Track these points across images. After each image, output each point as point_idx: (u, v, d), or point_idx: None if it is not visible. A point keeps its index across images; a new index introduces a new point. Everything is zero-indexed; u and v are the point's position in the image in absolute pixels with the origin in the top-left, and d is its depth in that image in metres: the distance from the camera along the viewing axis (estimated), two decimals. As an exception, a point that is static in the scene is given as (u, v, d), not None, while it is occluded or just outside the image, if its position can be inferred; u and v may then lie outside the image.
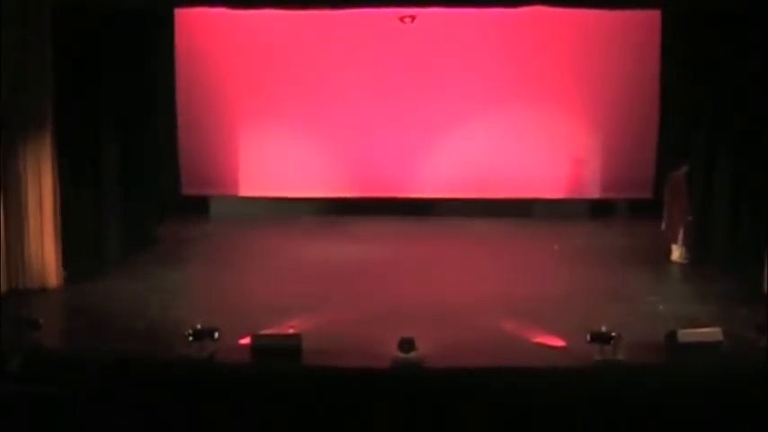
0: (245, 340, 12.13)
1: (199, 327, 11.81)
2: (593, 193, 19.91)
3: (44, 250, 14.86)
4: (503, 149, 19.70)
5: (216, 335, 11.75)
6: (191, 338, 11.71)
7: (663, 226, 16.50)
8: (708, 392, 10.60)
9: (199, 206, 20.19)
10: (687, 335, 11.94)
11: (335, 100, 19.99)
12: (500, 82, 19.85)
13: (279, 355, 11.78)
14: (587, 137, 19.86)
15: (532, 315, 13.67)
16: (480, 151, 19.81)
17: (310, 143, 20.13)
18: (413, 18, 18.51)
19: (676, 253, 16.42)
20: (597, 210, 19.86)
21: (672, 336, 11.99)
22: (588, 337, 11.61)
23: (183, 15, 19.56)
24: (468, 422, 10.34)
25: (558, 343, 12.35)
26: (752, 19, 15.15)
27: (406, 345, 11.68)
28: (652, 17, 19.02)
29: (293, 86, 19.98)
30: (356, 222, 19.32)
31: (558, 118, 19.85)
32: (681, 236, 16.38)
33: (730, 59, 16.02)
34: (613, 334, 11.51)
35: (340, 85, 19.93)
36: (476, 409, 10.51)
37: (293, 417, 10.49)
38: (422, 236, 18.68)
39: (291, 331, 12.31)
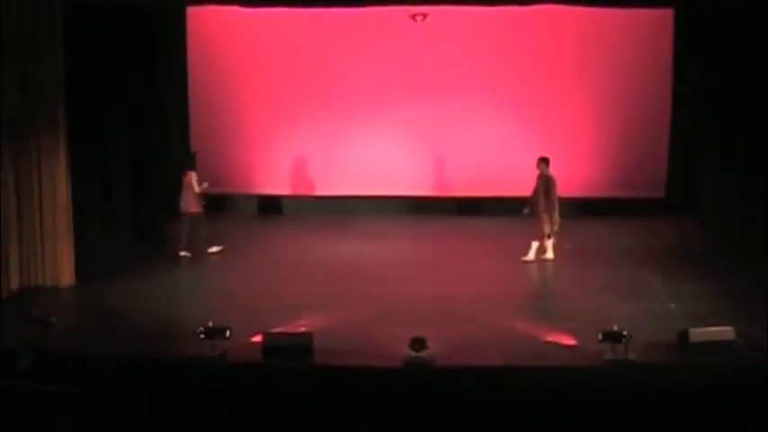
0: (257, 339, 12.14)
1: (210, 325, 11.83)
2: (605, 192, 19.86)
3: (57, 249, 14.91)
4: (513, 147, 19.67)
5: (227, 333, 11.77)
6: (202, 337, 11.73)
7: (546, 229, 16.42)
8: (720, 391, 10.59)
9: (210, 204, 20.18)
10: (699, 334, 11.90)
11: (346, 98, 20.01)
12: (510, 80, 19.85)
13: (290, 353, 11.78)
14: (599, 136, 19.82)
15: (544, 314, 13.67)
16: (491, 149, 19.81)
17: (320, 141, 20.16)
18: (425, 16, 18.50)
19: (550, 251, 16.36)
20: (609, 209, 19.80)
21: (684, 335, 11.95)
22: (600, 337, 11.59)
23: (195, 14, 19.61)
24: (479, 420, 10.34)
25: (570, 342, 12.33)
26: (765, 18, 15.12)
27: (418, 344, 11.68)
28: (665, 16, 19.00)
29: (304, 85, 20.02)
30: (367, 221, 19.33)
31: (569, 116, 19.83)
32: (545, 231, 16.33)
33: (744, 58, 15.98)
34: (625, 333, 11.48)
35: (350, 83, 19.96)
36: (487, 407, 10.51)
37: (305, 415, 10.51)
38: (433, 234, 18.68)
39: (303, 330, 12.31)
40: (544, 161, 16.47)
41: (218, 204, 20.27)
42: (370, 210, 19.85)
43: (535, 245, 16.37)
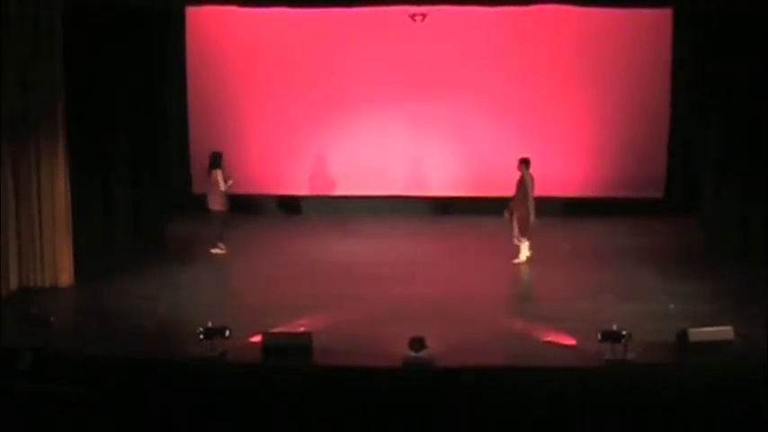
0: (256, 339, 12.15)
1: (210, 325, 11.84)
2: (605, 191, 19.84)
3: (56, 249, 14.92)
4: (512, 148, 19.63)
5: (227, 333, 11.78)
6: (202, 337, 11.74)
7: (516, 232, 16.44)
8: (719, 391, 10.59)
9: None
10: (698, 334, 11.92)
11: (344, 98, 19.97)
12: (510, 80, 19.82)
13: (290, 353, 11.79)
14: (598, 136, 19.78)
15: (543, 314, 13.67)
16: (490, 149, 19.78)
17: (320, 142, 20.13)
18: (424, 16, 18.49)
19: (524, 253, 16.36)
20: (608, 208, 19.79)
21: (683, 335, 11.97)
22: (599, 337, 11.61)
23: (194, 14, 19.60)
24: (479, 420, 10.34)
25: (569, 342, 12.34)
26: (765, 18, 15.12)
27: (417, 343, 11.69)
28: (665, 16, 18.99)
29: (303, 85, 19.98)
30: (366, 221, 19.31)
31: (569, 117, 19.81)
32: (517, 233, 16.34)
33: (744, 58, 15.98)
34: (624, 333, 11.50)
35: (349, 83, 19.91)
36: (487, 407, 10.51)
37: (304, 415, 10.51)
38: (432, 235, 18.65)
39: (302, 330, 12.32)
40: (525, 162, 16.43)
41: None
42: (370, 210, 19.82)
43: (524, 246, 16.35)
